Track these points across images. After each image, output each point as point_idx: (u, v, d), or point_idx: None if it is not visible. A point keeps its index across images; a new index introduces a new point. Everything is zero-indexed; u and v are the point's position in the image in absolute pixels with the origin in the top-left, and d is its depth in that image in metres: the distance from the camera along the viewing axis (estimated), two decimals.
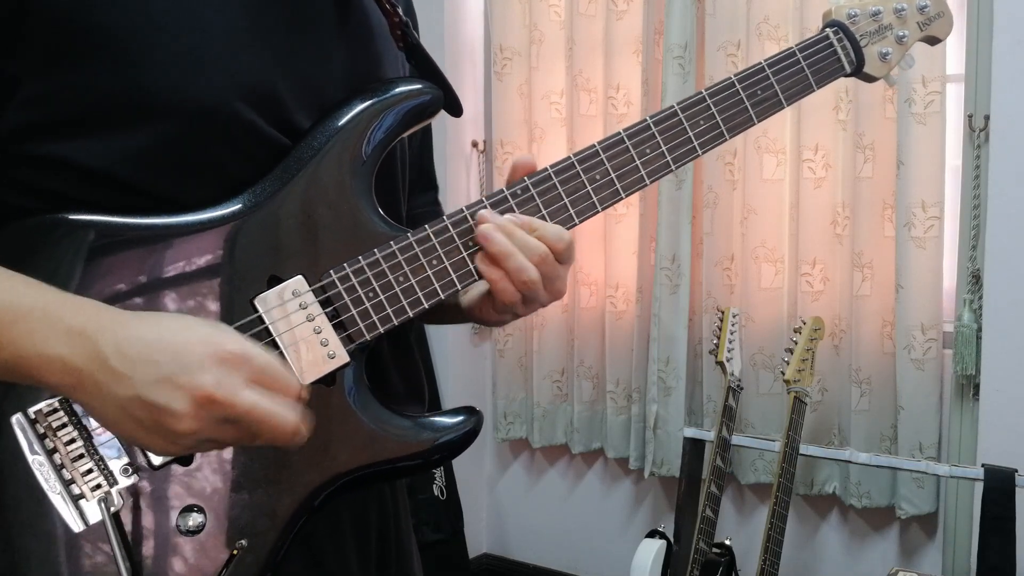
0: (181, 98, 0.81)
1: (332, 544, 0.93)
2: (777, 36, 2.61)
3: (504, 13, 3.11)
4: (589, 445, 3.11)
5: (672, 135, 0.95)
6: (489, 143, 3.25)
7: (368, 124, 0.87)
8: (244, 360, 0.73)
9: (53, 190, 0.81)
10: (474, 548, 3.33)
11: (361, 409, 0.86)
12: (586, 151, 0.93)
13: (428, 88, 0.91)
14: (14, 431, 0.78)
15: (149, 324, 0.74)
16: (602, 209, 0.93)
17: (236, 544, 0.81)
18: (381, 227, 0.87)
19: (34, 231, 0.80)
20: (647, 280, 2.89)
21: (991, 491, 2.06)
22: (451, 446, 0.89)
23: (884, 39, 1.04)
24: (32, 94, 0.79)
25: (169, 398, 0.71)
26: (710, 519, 2.35)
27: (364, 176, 0.87)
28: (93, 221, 0.81)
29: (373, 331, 0.86)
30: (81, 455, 0.79)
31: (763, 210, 2.66)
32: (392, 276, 0.87)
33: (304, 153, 0.86)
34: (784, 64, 0.99)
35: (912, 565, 2.62)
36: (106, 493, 0.78)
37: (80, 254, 0.80)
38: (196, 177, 0.83)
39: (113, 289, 0.80)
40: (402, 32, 0.94)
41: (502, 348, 3.22)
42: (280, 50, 0.86)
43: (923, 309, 2.43)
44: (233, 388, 0.72)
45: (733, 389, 2.45)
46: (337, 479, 0.85)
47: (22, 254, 0.79)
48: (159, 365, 0.71)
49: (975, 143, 2.39)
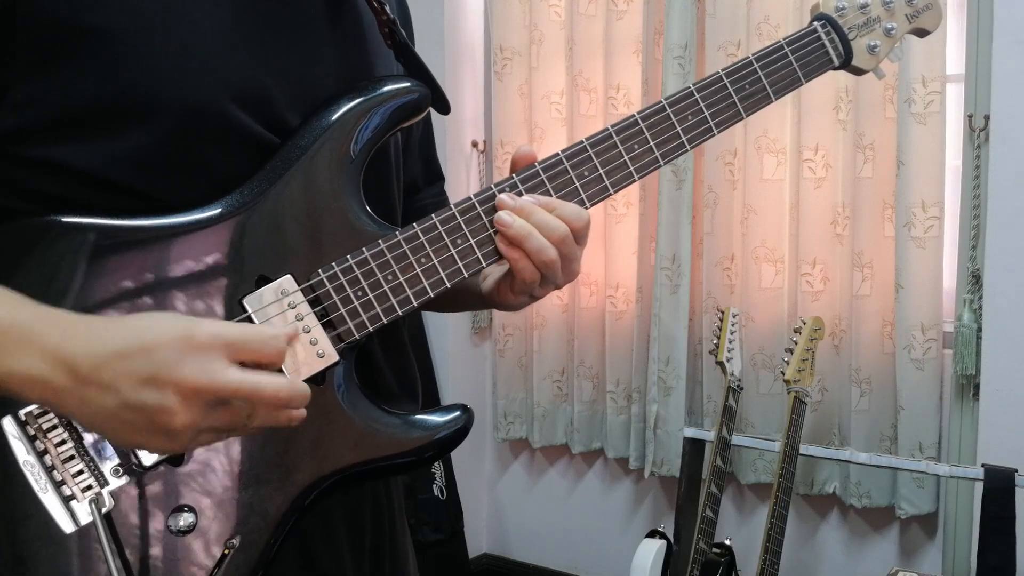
0: (171, 99, 0.80)
1: (325, 542, 0.93)
2: (777, 36, 2.60)
3: (504, 13, 3.11)
4: (589, 445, 3.11)
5: (660, 130, 0.94)
6: (489, 143, 3.25)
7: (355, 123, 0.87)
8: (219, 342, 0.73)
9: (44, 192, 0.81)
10: (474, 548, 3.33)
11: (351, 408, 0.86)
12: (575, 146, 0.93)
13: (416, 86, 0.91)
14: (4, 433, 0.78)
15: (119, 329, 0.74)
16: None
17: (227, 543, 0.81)
18: (370, 226, 0.87)
19: (25, 233, 0.80)
20: (647, 280, 2.89)
21: (991, 491, 2.06)
22: (441, 443, 0.89)
23: (872, 32, 1.04)
24: (21, 97, 0.79)
25: (156, 397, 0.71)
26: (710, 519, 2.35)
27: (352, 175, 0.87)
28: (83, 223, 0.80)
29: (362, 330, 0.86)
30: (72, 456, 0.79)
31: (763, 210, 2.66)
32: (380, 275, 0.86)
33: (291, 152, 0.86)
34: (772, 58, 0.99)
35: (912, 565, 2.62)
36: (97, 494, 0.78)
37: (70, 256, 0.80)
38: (187, 178, 0.83)
39: (102, 291, 0.80)
40: (389, 30, 0.94)
41: (502, 348, 3.22)
42: (271, 49, 0.86)
43: (923, 309, 2.43)
44: (214, 371, 0.72)
45: (733, 389, 2.44)
46: (328, 477, 0.85)
47: (13, 256, 0.79)
48: (138, 369, 0.71)
49: (975, 143, 2.39)
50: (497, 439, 3.29)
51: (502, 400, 3.24)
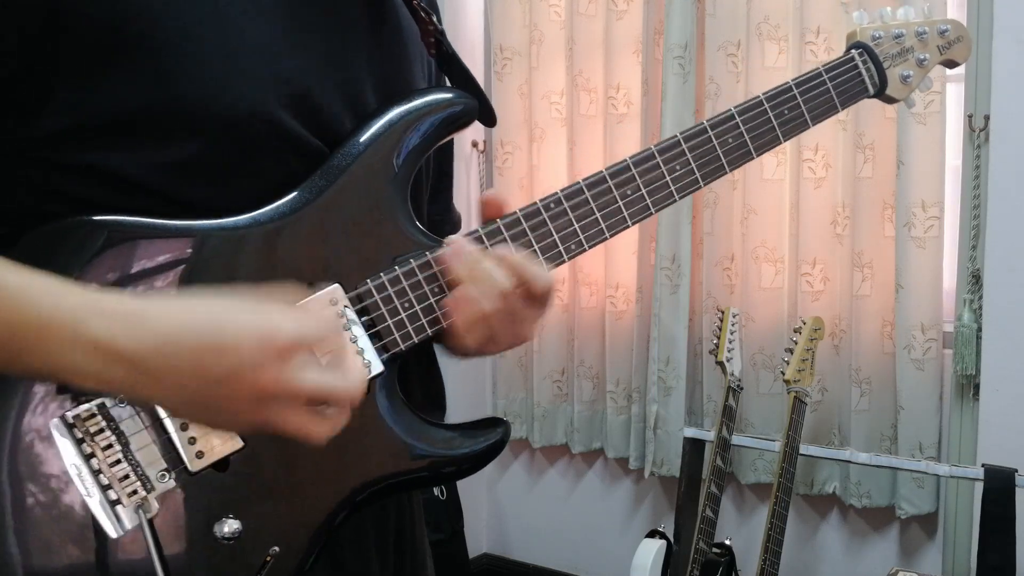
0: (219, 107, 0.79)
1: (354, 547, 0.93)
2: (777, 36, 2.61)
3: (504, 13, 3.11)
4: (589, 445, 3.11)
5: (701, 152, 0.95)
6: (489, 143, 3.25)
7: (403, 133, 0.87)
8: (300, 345, 0.71)
9: (87, 198, 0.79)
10: (474, 548, 3.33)
11: (394, 419, 0.86)
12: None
13: (462, 98, 0.91)
14: (52, 435, 0.76)
15: (189, 318, 0.70)
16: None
17: (269, 551, 0.81)
18: (417, 236, 0.88)
19: (60, 234, 0.79)
20: (647, 280, 2.89)
21: (991, 491, 2.06)
22: (480, 456, 0.90)
23: (906, 62, 1.04)
24: (66, 102, 0.77)
25: (229, 396, 0.70)
26: (710, 519, 2.35)
27: (400, 185, 0.87)
28: (126, 222, 0.79)
29: (408, 341, 0.86)
30: (118, 460, 0.77)
31: (763, 210, 2.66)
32: (427, 287, 0.87)
33: (340, 162, 0.85)
34: (811, 84, 0.99)
35: (912, 565, 2.62)
36: (143, 499, 0.77)
37: (114, 256, 0.79)
38: (233, 186, 0.82)
39: (145, 292, 0.79)
40: (436, 40, 0.93)
41: None
42: (317, 58, 0.86)
43: (923, 309, 2.43)
44: (294, 376, 0.70)
45: (733, 389, 2.45)
46: (367, 487, 0.85)
47: (55, 256, 0.78)
48: (208, 371, 0.69)
49: (975, 143, 2.39)
50: None
51: (502, 400, 3.24)
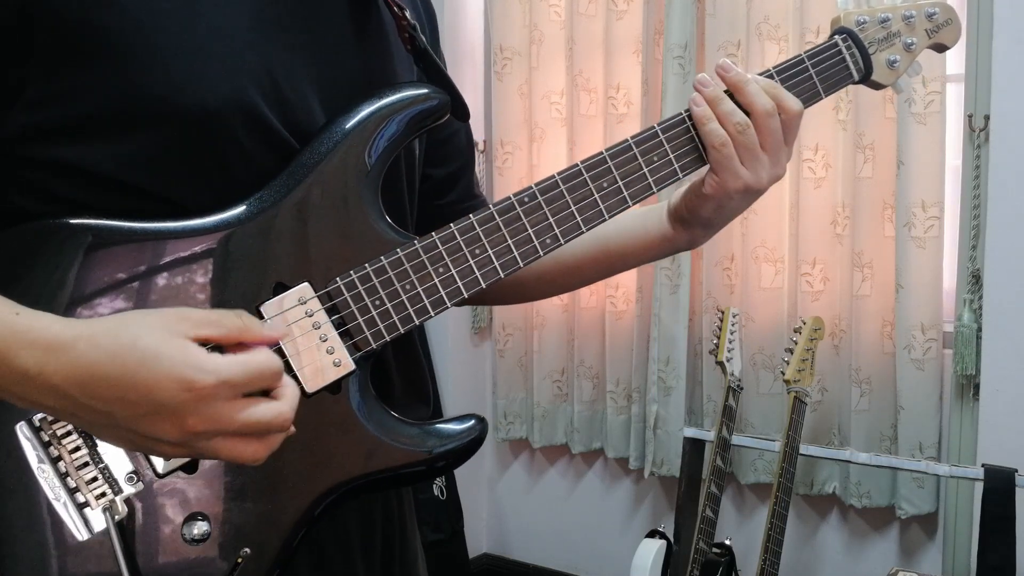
0: (187, 100, 0.79)
1: (337, 547, 0.93)
2: (777, 36, 2.61)
3: (504, 13, 3.11)
4: (589, 445, 3.11)
5: (680, 143, 0.95)
6: (489, 143, 3.25)
7: (374, 129, 0.86)
8: (222, 386, 0.68)
9: (57, 193, 0.80)
10: (474, 548, 3.33)
11: (366, 417, 0.85)
12: (594, 158, 0.92)
13: (434, 93, 0.90)
14: (19, 439, 0.77)
15: (111, 353, 0.68)
16: (609, 217, 0.93)
17: (240, 552, 0.80)
18: (388, 234, 0.87)
19: (33, 236, 0.79)
20: (647, 280, 2.89)
21: (991, 491, 2.06)
22: (456, 454, 0.89)
23: (892, 46, 1.03)
24: (36, 98, 0.78)
25: (157, 430, 0.68)
26: (710, 519, 2.35)
27: (370, 182, 0.86)
28: (93, 225, 0.79)
29: (379, 339, 0.85)
30: (86, 463, 0.78)
31: (763, 210, 2.66)
32: (399, 284, 0.86)
33: (310, 158, 0.85)
34: (793, 71, 0.98)
35: (912, 565, 2.62)
36: (111, 501, 0.78)
37: (79, 260, 0.78)
38: (203, 181, 0.82)
39: (112, 296, 0.79)
40: (409, 35, 0.93)
41: (502, 348, 3.22)
42: (290, 52, 0.85)
43: (923, 309, 2.43)
44: (219, 416, 0.69)
45: (733, 389, 2.44)
46: (340, 487, 0.84)
47: (21, 258, 0.78)
48: (135, 405, 0.67)
49: (975, 143, 2.39)
50: (497, 439, 3.28)
51: (502, 400, 3.24)
